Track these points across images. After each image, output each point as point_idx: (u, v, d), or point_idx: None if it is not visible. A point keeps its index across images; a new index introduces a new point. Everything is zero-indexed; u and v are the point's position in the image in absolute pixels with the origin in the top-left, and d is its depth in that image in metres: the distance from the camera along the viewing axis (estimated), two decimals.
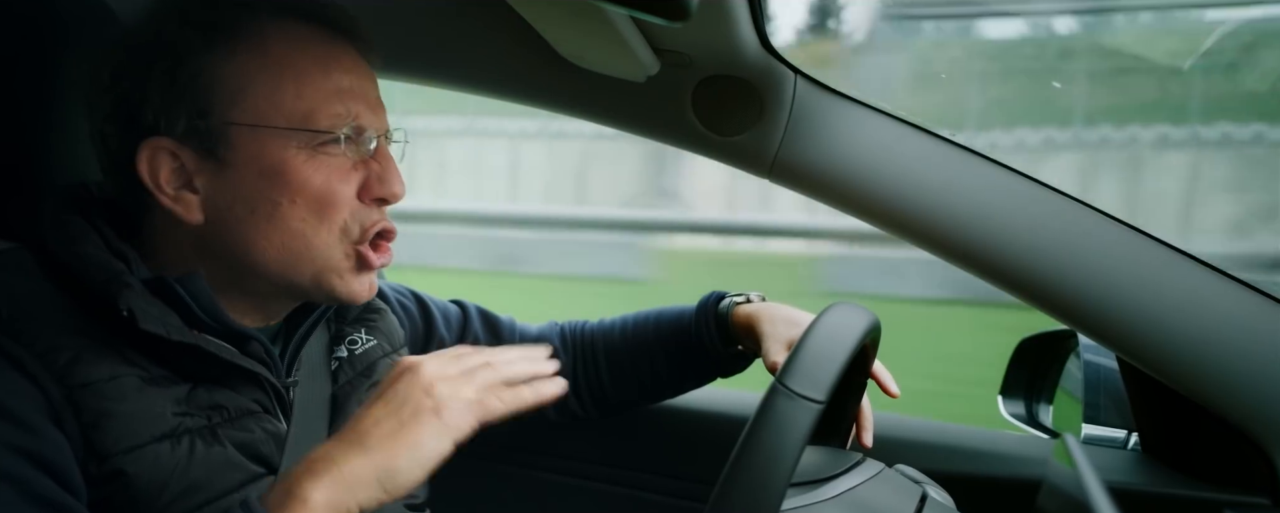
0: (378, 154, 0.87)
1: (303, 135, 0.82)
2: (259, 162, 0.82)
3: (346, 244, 0.86)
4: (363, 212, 0.86)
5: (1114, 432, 1.19)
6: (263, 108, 0.81)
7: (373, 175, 0.86)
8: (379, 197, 0.86)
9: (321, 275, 0.86)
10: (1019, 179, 1.01)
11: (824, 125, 1.04)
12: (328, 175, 0.83)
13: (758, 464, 0.68)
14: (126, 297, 0.76)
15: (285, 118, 0.82)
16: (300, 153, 0.82)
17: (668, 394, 1.25)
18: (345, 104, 0.84)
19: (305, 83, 0.83)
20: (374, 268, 0.88)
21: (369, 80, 0.88)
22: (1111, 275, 0.98)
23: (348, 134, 0.84)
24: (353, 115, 0.84)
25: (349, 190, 0.85)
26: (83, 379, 0.75)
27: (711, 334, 1.15)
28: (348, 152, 0.85)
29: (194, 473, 0.78)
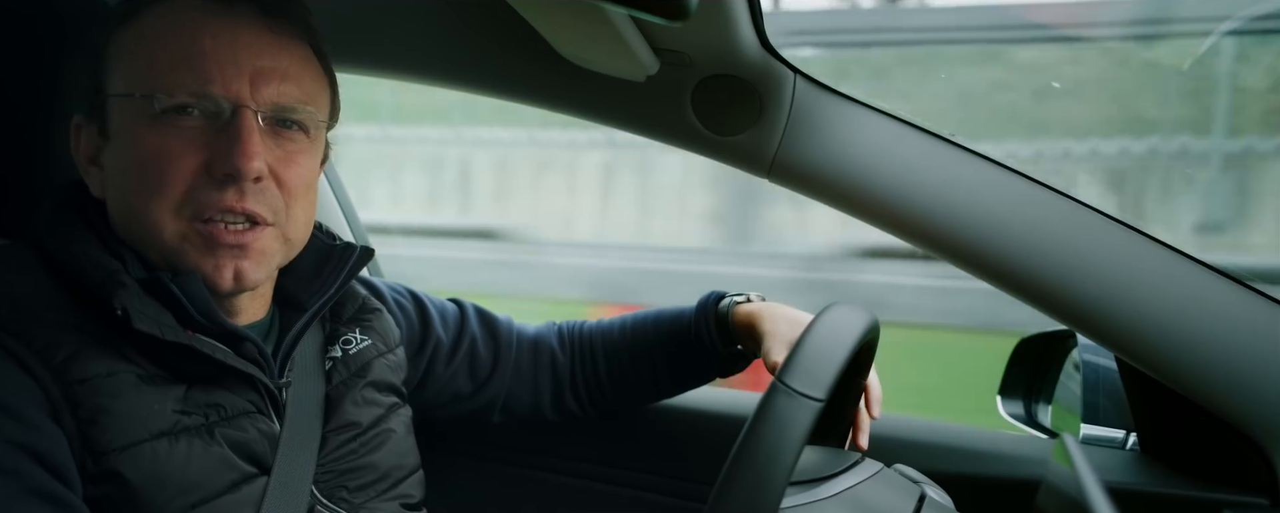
0: (230, 128, 0.80)
1: (142, 102, 0.80)
2: (121, 133, 0.83)
3: (182, 222, 0.80)
4: (207, 188, 0.80)
5: (1113, 432, 1.19)
6: (123, 79, 0.83)
7: (219, 150, 0.80)
8: (223, 172, 0.80)
9: (168, 255, 0.82)
10: (1019, 179, 1.01)
11: (823, 125, 1.04)
12: (162, 145, 0.79)
13: (758, 462, 0.68)
14: (121, 296, 0.77)
15: (132, 86, 0.82)
16: (143, 121, 0.80)
17: (667, 394, 1.25)
18: (193, 72, 0.80)
19: (159, 50, 0.81)
20: (224, 246, 0.81)
21: (256, 49, 0.82)
22: (1110, 276, 0.98)
23: (186, 103, 0.79)
24: (201, 83, 0.80)
25: (188, 163, 0.80)
26: (80, 376, 0.75)
27: (711, 334, 1.15)
28: (195, 123, 0.80)
29: (190, 472, 0.78)
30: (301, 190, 0.86)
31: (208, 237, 0.81)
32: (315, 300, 0.93)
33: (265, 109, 0.83)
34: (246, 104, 0.81)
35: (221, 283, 0.82)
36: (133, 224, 0.82)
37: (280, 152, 0.84)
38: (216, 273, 0.82)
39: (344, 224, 1.53)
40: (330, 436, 0.90)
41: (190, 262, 0.81)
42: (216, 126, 0.81)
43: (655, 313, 1.21)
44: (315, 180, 0.90)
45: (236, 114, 0.81)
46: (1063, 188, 1.00)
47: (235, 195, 0.80)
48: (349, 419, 0.93)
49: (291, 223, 0.86)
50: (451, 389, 1.14)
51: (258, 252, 0.83)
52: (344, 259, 0.95)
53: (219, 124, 0.81)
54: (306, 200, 0.88)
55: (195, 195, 0.80)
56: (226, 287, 0.83)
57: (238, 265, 0.82)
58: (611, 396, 1.22)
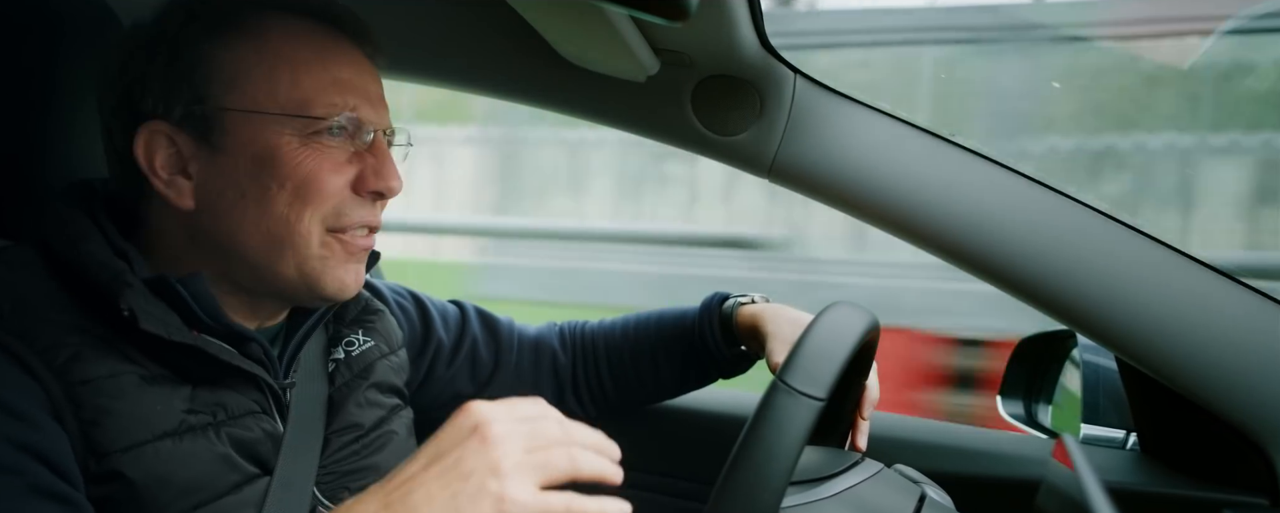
0: (375, 148, 0.87)
1: (296, 122, 0.82)
2: (251, 147, 0.82)
3: (325, 232, 0.85)
4: (353, 203, 0.86)
5: (1113, 432, 1.19)
6: (258, 95, 0.82)
7: (368, 169, 0.86)
8: (374, 190, 0.86)
9: (305, 265, 0.85)
10: (1019, 179, 1.01)
11: (823, 125, 1.04)
12: (318, 163, 0.83)
13: (758, 460, 0.68)
14: (128, 296, 0.77)
15: (280, 105, 0.82)
16: (293, 140, 0.82)
17: (668, 394, 1.25)
18: (342, 95, 0.84)
19: (302, 72, 0.83)
20: (357, 254, 0.87)
21: (370, 77, 0.88)
22: (1111, 276, 0.98)
23: (342, 124, 0.84)
24: (350, 107, 0.84)
25: (340, 180, 0.85)
26: (83, 376, 0.75)
27: (715, 334, 1.15)
28: (343, 143, 0.85)
29: (193, 472, 0.78)
30: None
31: (346, 245, 0.86)
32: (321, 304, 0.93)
33: (386, 132, 0.89)
34: (381, 128, 0.88)
35: (351, 287, 0.88)
36: (267, 235, 0.83)
37: None
38: (349, 277, 0.87)
39: None
40: (333, 437, 0.91)
41: (329, 269, 0.86)
42: (358, 147, 0.86)
43: (658, 314, 1.21)
44: None
45: (377, 138, 0.87)
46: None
47: (372, 212, 0.88)
48: (351, 421, 0.93)
49: None
50: (453, 390, 1.14)
51: (367, 255, 0.90)
52: None
53: (360, 145, 0.86)
54: None
55: (342, 210, 0.85)
56: (353, 291, 0.88)
57: (359, 271, 0.89)
58: (613, 396, 1.22)
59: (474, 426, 0.68)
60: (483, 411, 0.69)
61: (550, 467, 0.68)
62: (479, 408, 0.69)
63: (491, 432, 0.67)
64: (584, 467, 0.69)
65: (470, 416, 0.69)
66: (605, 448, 0.71)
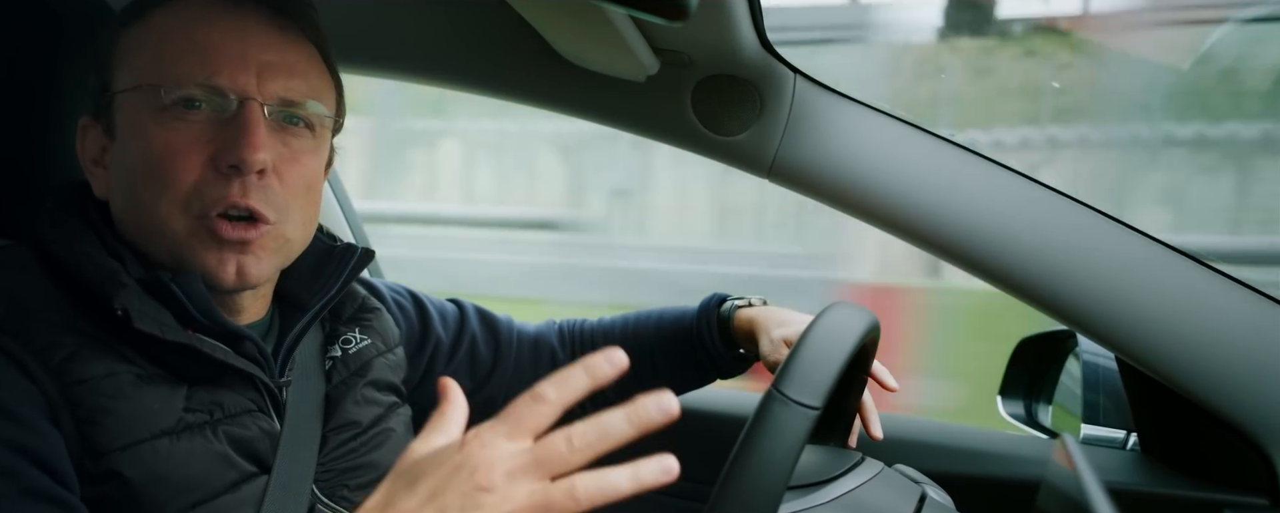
0: (238, 118, 0.80)
1: (148, 95, 0.80)
2: (126, 130, 0.82)
3: (189, 218, 0.80)
4: (213, 182, 0.79)
5: (1113, 432, 1.19)
6: (134, 74, 0.82)
7: (225, 142, 0.79)
8: (228, 163, 0.79)
9: (175, 253, 0.81)
10: (1019, 179, 1.01)
11: (823, 125, 1.04)
12: (169, 138, 0.79)
13: (753, 472, 0.67)
14: (122, 296, 0.76)
15: (138, 79, 0.81)
16: (148, 116, 0.80)
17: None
18: (199, 63, 0.79)
19: (164, 43, 0.81)
20: (229, 242, 0.80)
21: (262, 43, 0.82)
22: (1111, 276, 0.98)
23: (190, 95, 0.79)
24: (206, 74, 0.79)
25: (194, 158, 0.79)
26: (79, 376, 0.75)
27: (712, 336, 1.15)
28: (201, 116, 0.79)
29: (191, 470, 0.78)
30: (303, 189, 0.86)
31: (212, 232, 0.80)
32: (316, 301, 0.93)
33: (272, 103, 0.82)
34: (253, 97, 0.81)
35: (224, 279, 0.82)
36: (140, 221, 0.82)
37: (285, 149, 0.84)
38: (220, 268, 0.81)
39: (344, 225, 1.53)
40: (330, 435, 0.90)
41: (196, 257, 0.81)
42: (222, 120, 0.80)
43: (657, 313, 1.21)
44: (319, 182, 0.90)
45: (243, 107, 0.80)
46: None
47: (239, 190, 0.80)
48: (349, 419, 0.92)
49: (291, 223, 0.85)
50: None
51: (258, 248, 0.83)
52: (345, 260, 0.94)
53: (225, 118, 0.80)
54: (308, 200, 0.87)
55: (201, 190, 0.79)
56: (229, 283, 0.82)
57: (240, 261, 0.82)
58: (611, 395, 1.21)
59: (463, 443, 0.59)
60: (475, 431, 0.59)
61: (549, 466, 0.59)
62: (471, 431, 0.60)
63: (482, 449, 0.58)
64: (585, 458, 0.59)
65: (462, 437, 0.59)
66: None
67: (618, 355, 0.58)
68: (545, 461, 0.58)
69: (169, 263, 0.82)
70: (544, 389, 0.58)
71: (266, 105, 0.81)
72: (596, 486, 0.58)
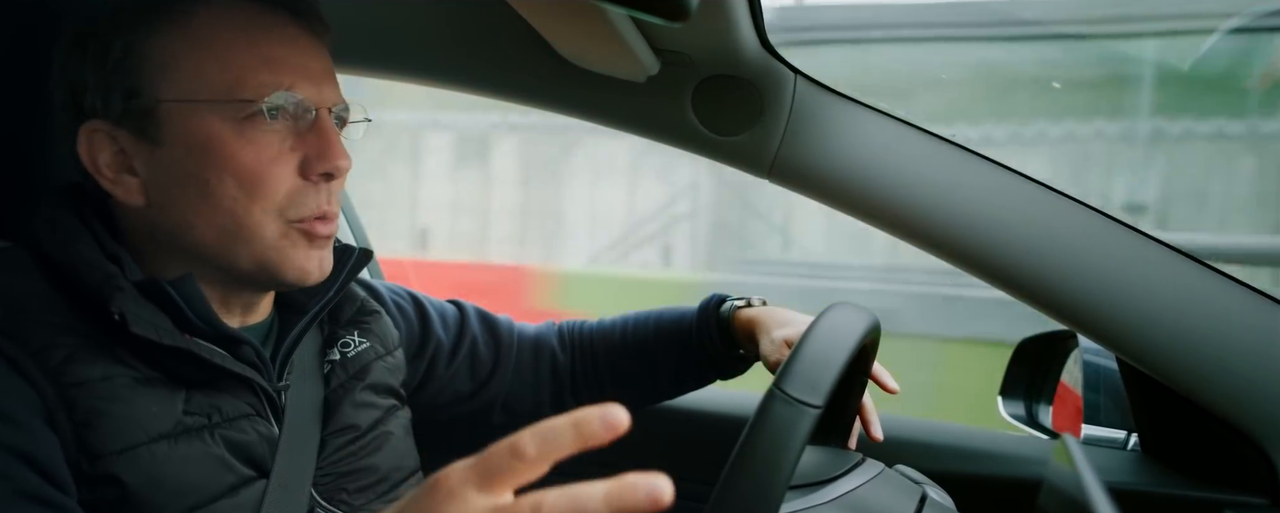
0: (318, 128, 0.83)
1: (228, 107, 0.80)
2: (188, 138, 0.80)
3: (282, 223, 0.82)
4: (304, 189, 0.83)
5: (1114, 432, 1.19)
6: (189, 82, 0.80)
7: (312, 151, 0.82)
8: (322, 172, 0.83)
9: (262, 257, 0.83)
10: (1019, 180, 1.01)
11: (824, 126, 1.04)
12: (258, 150, 0.80)
13: (754, 471, 0.67)
14: (118, 300, 0.76)
15: (210, 90, 0.80)
16: (227, 126, 0.80)
17: (667, 395, 1.25)
18: (274, 74, 0.81)
19: (230, 54, 0.81)
20: (319, 238, 0.84)
21: (309, 53, 0.85)
22: (1111, 276, 0.98)
23: (278, 105, 0.81)
24: (285, 85, 0.81)
25: (285, 167, 0.82)
26: (76, 379, 0.75)
27: (712, 336, 1.15)
28: (282, 126, 0.82)
29: (188, 474, 0.78)
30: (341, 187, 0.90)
31: (306, 233, 0.84)
32: (315, 303, 0.93)
33: (336, 110, 0.86)
34: (324, 105, 0.84)
35: (312, 274, 0.85)
36: (217, 229, 0.81)
37: None
38: (309, 264, 0.85)
39: (345, 227, 1.53)
40: (329, 438, 0.90)
41: (289, 258, 0.83)
42: (301, 129, 0.83)
43: (656, 314, 1.21)
44: None
45: (319, 116, 0.83)
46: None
47: (327, 196, 0.84)
48: (348, 422, 0.92)
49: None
50: (452, 390, 1.14)
51: (331, 242, 0.88)
52: (342, 261, 0.94)
53: (302, 126, 0.83)
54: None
55: (296, 199, 0.82)
56: (315, 277, 0.86)
57: (322, 256, 0.86)
58: (612, 395, 1.21)
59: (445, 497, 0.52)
60: (454, 485, 0.52)
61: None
62: (449, 485, 0.52)
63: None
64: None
65: (441, 490, 0.52)
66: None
67: (615, 416, 0.49)
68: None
69: (246, 266, 0.83)
70: (524, 443, 0.50)
71: (333, 112, 0.85)
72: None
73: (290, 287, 0.87)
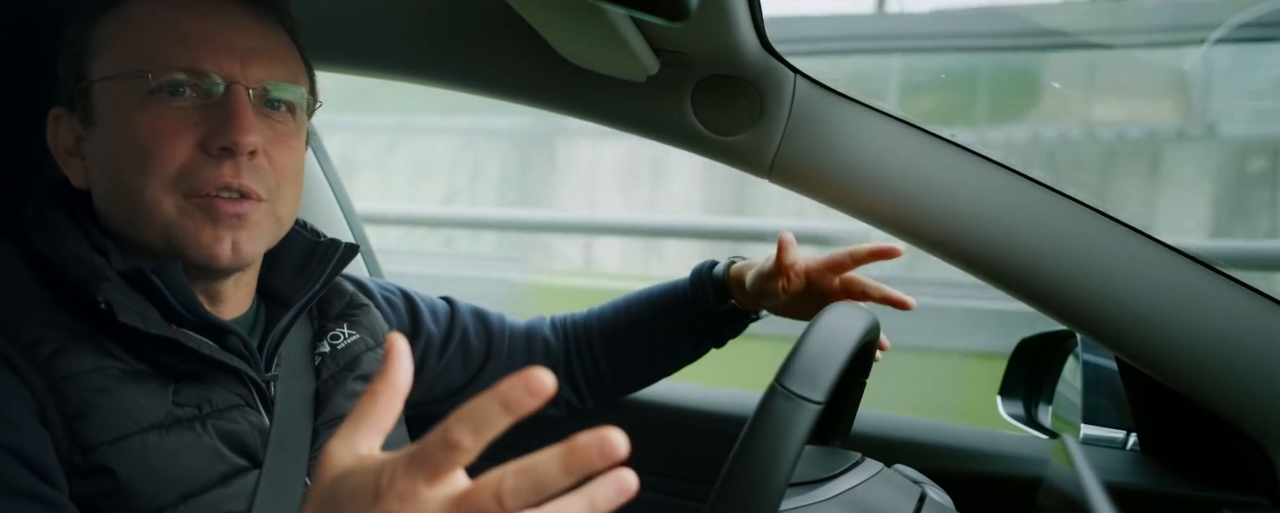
0: (225, 102, 0.81)
1: (133, 82, 0.80)
2: (108, 117, 0.82)
3: (179, 198, 0.81)
4: (204, 164, 0.81)
5: (1113, 432, 1.19)
6: (110, 62, 0.82)
7: (214, 125, 0.81)
8: (220, 146, 0.80)
9: (165, 234, 0.81)
10: (1019, 180, 1.01)
11: (824, 125, 1.04)
12: (154, 125, 0.80)
13: (756, 465, 0.68)
14: (105, 290, 0.77)
15: (120, 67, 0.81)
16: (133, 102, 0.81)
17: (663, 369, 1.25)
18: (183, 49, 0.81)
19: (146, 31, 0.82)
20: (225, 216, 0.81)
21: (240, 29, 0.84)
22: (1111, 276, 0.98)
23: (177, 80, 0.80)
24: (191, 60, 0.80)
25: (181, 140, 0.80)
26: (65, 371, 0.75)
27: (707, 293, 1.17)
28: (187, 102, 0.81)
29: (181, 463, 0.78)
30: (292, 171, 0.88)
31: (206, 208, 0.81)
32: (301, 296, 0.93)
33: (256, 87, 0.84)
34: (238, 81, 0.82)
35: (220, 254, 0.82)
36: (126, 206, 0.82)
37: (271, 132, 0.85)
38: (216, 244, 0.82)
39: (341, 219, 1.53)
40: (321, 430, 0.91)
41: (189, 235, 0.81)
42: (208, 104, 0.81)
43: (647, 290, 1.23)
44: (303, 163, 0.91)
45: (229, 91, 0.82)
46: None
47: (231, 171, 0.81)
48: (340, 413, 0.93)
49: (281, 201, 0.87)
50: (445, 382, 1.15)
51: (253, 224, 0.84)
52: (329, 255, 0.95)
53: (211, 102, 0.81)
54: (295, 182, 0.89)
55: (191, 172, 0.80)
56: (225, 259, 0.82)
57: (235, 237, 0.82)
58: (609, 378, 1.23)
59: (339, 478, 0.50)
60: (347, 465, 0.51)
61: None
62: (342, 466, 0.51)
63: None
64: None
65: (334, 470, 0.50)
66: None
67: (538, 381, 0.47)
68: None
69: (159, 246, 0.82)
70: (456, 433, 0.47)
71: (251, 89, 0.83)
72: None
73: (210, 269, 0.84)
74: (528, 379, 0.46)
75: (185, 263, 0.82)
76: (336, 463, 0.51)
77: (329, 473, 0.51)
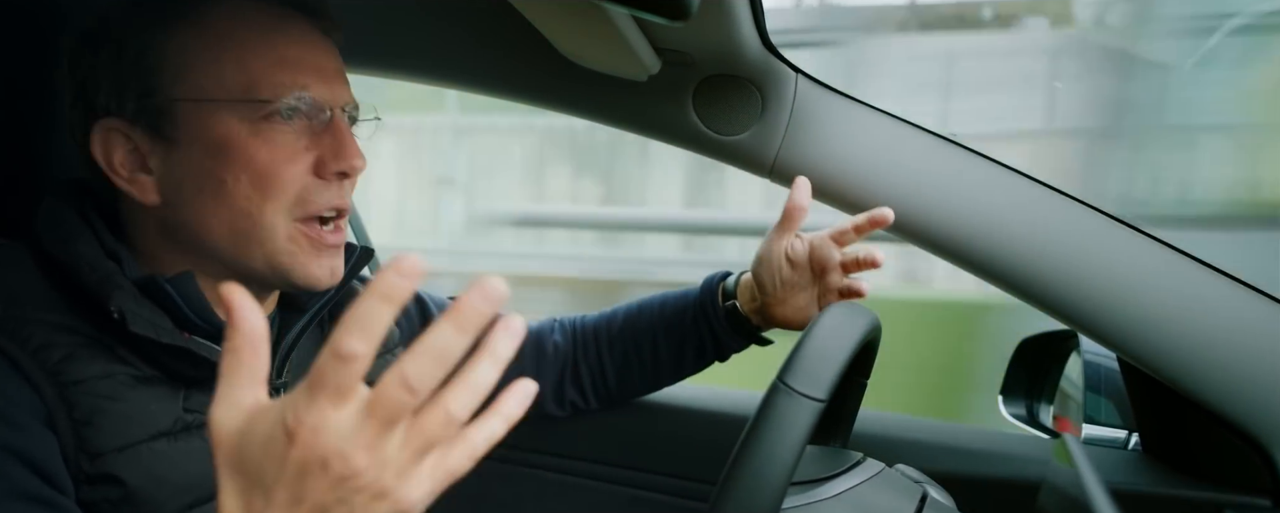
0: (332, 127, 0.84)
1: (245, 107, 0.80)
2: (204, 137, 0.81)
3: (293, 223, 0.83)
4: (317, 188, 0.83)
5: (1114, 432, 1.19)
6: (205, 82, 0.81)
7: (327, 150, 0.83)
8: (337, 171, 0.83)
9: (273, 258, 0.83)
10: (1020, 179, 1.01)
11: (825, 125, 1.04)
12: (272, 149, 0.81)
13: (759, 463, 0.68)
14: (118, 298, 0.76)
15: (227, 90, 0.80)
16: (243, 126, 0.80)
17: (665, 376, 1.23)
18: (291, 74, 0.82)
19: (247, 54, 0.81)
20: (328, 247, 0.85)
21: (323, 53, 0.85)
22: (1111, 275, 0.98)
23: (293, 105, 0.81)
24: (300, 86, 0.82)
25: (299, 166, 0.82)
26: (75, 377, 0.75)
27: (716, 303, 1.15)
28: (297, 125, 0.82)
29: (189, 471, 0.78)
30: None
31: (315, 240, 0.84)
32: (315, 302, 0.93)
33: (348, 109, 0.86)
34: (338, 105, 0.84)
35: (323, 281, 0.86)
36: (237, 230, 0.82)
37: None
38: (321, 272, 0.85)
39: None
40: None
41: (298, 262, 0.84)
42: (316, 129, 0.83)
43: (660, 296, 1.22)
44: None
45: (334, 116, 0.84)
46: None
47: (338, 194, 0.84)
48: None
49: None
50: None
51: (343, 247, 0.88)
52: (344, 261, 0.94)
53: (317, 126, 0.83)
54: None
55: (307, 196, 0.83)
56: (325, 285, 0.86)
57: (334, 264, 0.86)
58: (614, 381, 1.22)
59: (294, 436, 0.48)
60: (300, 417, 0.48)
61: (417, 430, 0.50)
62: (296, 419, 0.48)
63: (320, 440, 0.48)
64: (460, 404, 0.50)
65: (288, 427, 0.48)
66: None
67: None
68: (426, 435, 0.49)
69: (259, 268, 0.83)
70: (346, 343, 0.46)
71: (346, 112, 0.86)
72: (470, 442, 0.51)
73: (299, 290, 0.88)
74: (399, 263, 0.46)
75: (284, 284, 0.85)
76: (226, 425, 0.50)
77: (225, 438, 0.50)
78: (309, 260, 0.84)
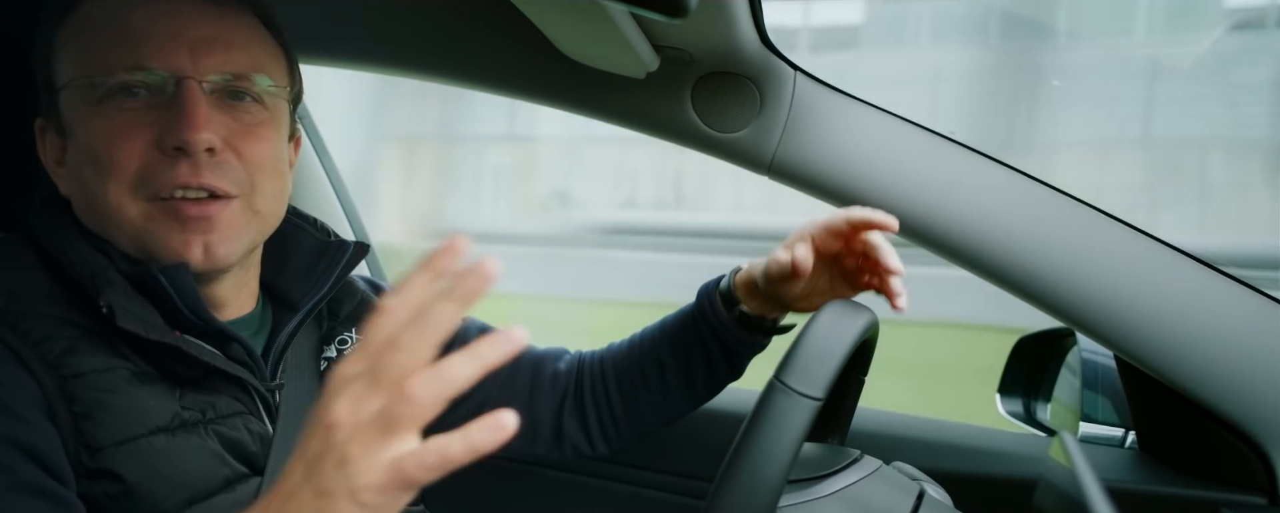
0: (178, 98, 0.78)
1: (84, 90, 0.79)
2: (72, 124, 0.81)
3: (143, 202, 0.78)
4: (160, 164, 0.78)
5: (1111, 430, 1.19)
6: (67, 68, 0.81)
7: (165, 124, 0.78)
8: (173, 146, 0.77)
9: (138, 239, 0.80)
10: (1019, 178, 1.01)
11: (823, 123, 1.04)
12: (108, 127, 0.78)
13: (755, 461, 0.68)
14: (108, 293, 0.76)
15: (74, 73, 0.80)
16: (88, 108, 0.79)
17: (674, 402, 1.12)
18: (128, 49, 0.78)
19: (95, 35, 0.80)
20: (192, 219, 0.79)
21: (188, 20, 0.80)
22: (1110, 274, 0.98)
23: (125, 81, 0.78)
24: (136, 61, 0.78)
25: (137, 143, 0.78)
26: (76, 370, 0.75)
27: (714, 306, 1.04)
28: (140, 102, 0.78)
29: (186, 467, 0.78)
30: (268, 163, 0.84)
31: (172, 212, 0.79)
32: (308, 299, 0.91)
33: (211, 79, 0.80)
34: (189, 75, 0.79)
35: (192, 260, 0.80)
36: (97, 214, 0.81)
37: (236, 124, 0.82)
38: (185, 248, 0.79)
39: (343, 220, 1.52)
40: None
41: (158, 240, 0.79)
42: (161, 103, 0.78)
43: (662, 319, 1.12)
44: (282, 154, 0.87)
45: (180, 86, 0.78)
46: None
47: (189, 170, 0.78)
48: None
49: (259, 195, 0.83)
50: None
51: (224, 224, 0.80)
52: (338, 256, 0.93)
53: (163, 100, 0.78)
54: (273, 173, 0.85)
55: (149, 174, 0.78)
56: (197, 262, 0.80)
57: (206, 240, 0.80)
58: (621, 414, 1.12)
59: (318, 415, 0.56)
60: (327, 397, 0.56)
61: (394, 422, 0.54)
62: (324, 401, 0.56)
63: (329, 418, 0.55)
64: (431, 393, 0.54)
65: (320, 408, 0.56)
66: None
67: (455, 244, 0.53)
68: (384, 405, 0.54)
69: (135, 253, 0.81)
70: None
71: (204, 82, 0.80)
72: (439, 453, 0.53)
73: (169, 268, 0.81)
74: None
75: (157, 263, 0.80)
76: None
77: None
78: (169, 235, 0.79)
